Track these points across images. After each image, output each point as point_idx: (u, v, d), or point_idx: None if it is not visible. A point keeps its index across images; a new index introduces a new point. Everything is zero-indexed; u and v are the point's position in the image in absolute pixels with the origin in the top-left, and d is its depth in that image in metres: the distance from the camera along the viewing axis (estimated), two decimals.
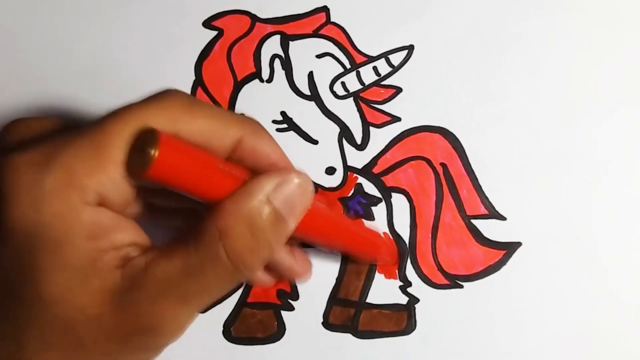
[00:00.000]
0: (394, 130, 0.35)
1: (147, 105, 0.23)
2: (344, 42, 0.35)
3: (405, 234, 0.34)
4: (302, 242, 0.31)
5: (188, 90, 0.35)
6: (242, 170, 0.24)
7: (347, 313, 0.34)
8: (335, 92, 0.35)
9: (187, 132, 0.23)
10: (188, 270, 0.22)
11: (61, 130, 0.25)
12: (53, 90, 0.36)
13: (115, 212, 0.23)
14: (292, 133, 0.35)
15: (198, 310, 0.24)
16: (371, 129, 0.35)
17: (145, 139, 0.21)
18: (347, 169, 0.35)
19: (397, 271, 0.34)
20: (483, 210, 0.34)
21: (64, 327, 0.22)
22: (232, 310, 0.34)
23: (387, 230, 0.34)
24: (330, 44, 0.35)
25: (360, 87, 0.35)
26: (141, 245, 0.24)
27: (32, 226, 0.22)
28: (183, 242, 0.23)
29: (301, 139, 0.35)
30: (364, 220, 0.34)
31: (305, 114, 0.35)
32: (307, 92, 0.35)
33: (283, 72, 0.35)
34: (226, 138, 0.24)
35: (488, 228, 0.34)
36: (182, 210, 0.28)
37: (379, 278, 0.34)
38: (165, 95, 0.24)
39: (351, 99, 0.35)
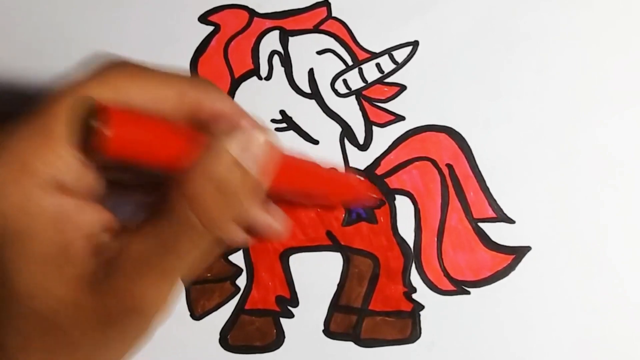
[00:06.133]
0: (397, 129, 0.34)
1: (90, 78, 0.23)
2: (346, 37, 0.35)
3: (409, 237, 0.34)
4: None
5: None
6: (201, 133, 0.24)
7: (349, 320, 0.33)
8: (336, 90, 0.35)
9: (135, 100, 0.23)
10: (163, 244, 0.22)
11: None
12: (47, 86, 0.35)
13: (76, 195, 0.23)
14: (291, 133, 0.35)
15: (178, 280, 0.24)
16: (374, 128, 0.35)
17: (93, 115, 0.21)
18: (349, 170, 0.34)
19: (401, 276, 0.33)
20: (491, 213, 0.34)
21: (44, 320, 0.22)
22: (229, 317, 0.34)
23: (390, 233, 0.34)
24: (332, 39, 0.35)
25: (362, 84, 0.35)
26: (109, 227, 0.23)
27: None
28: (153, 217, 0.23)
29: (301, 139, 0.35)
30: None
31: (306, 112, 0.35)
32: (307, 90, 0.35)
33: (282, 69, 0.35)
34: (177, 101, 0.24)
35: (496, 231, 0.34)
36: (148, 184, 0.28)
37: (382, 284, 0.34)
38: (107, 66, 0.23)
39: (353, 97, 0.35)
